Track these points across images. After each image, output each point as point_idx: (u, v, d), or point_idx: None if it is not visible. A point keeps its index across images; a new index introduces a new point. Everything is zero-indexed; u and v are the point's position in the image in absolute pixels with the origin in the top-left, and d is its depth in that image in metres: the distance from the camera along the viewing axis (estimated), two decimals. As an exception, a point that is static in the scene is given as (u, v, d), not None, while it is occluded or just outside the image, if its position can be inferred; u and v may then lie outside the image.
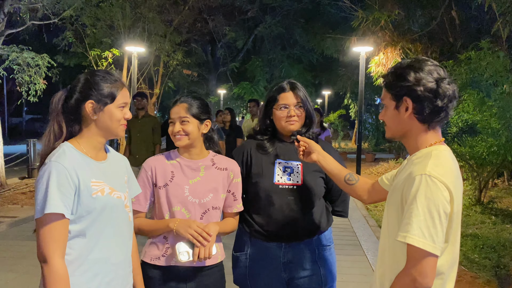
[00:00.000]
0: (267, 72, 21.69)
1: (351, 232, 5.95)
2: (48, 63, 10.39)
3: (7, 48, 10.01)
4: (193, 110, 1.93)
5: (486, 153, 7.04)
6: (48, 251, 1.41)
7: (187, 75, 18.55)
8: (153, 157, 2.02)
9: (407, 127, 1.46)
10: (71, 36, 11.77)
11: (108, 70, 1.66)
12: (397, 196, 1.43)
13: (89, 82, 1.56)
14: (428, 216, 1.28)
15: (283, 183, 2.03)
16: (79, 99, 1.55)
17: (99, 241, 1.53)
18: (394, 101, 1.46)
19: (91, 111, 1.55)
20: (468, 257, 4.89)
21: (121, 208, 1.61)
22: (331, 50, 17.28)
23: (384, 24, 9.84)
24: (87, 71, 1.66)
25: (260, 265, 2.06)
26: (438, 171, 1.33)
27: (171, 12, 13.58)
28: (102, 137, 1.60)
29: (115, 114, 1.58)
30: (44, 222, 1.41)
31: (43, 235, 1.42)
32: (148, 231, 1.94)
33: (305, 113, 2.07)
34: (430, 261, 1.28)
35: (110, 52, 10.82)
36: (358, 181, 1.84)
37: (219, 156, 2.05)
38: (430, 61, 1.44)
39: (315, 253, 2.08)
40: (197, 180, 1.95)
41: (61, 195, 1.42)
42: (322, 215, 2.11)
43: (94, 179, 1.52)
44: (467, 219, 6.60)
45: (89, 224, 1.50)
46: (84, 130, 1.58)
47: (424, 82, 1.38)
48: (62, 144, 1.54)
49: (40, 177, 1.45)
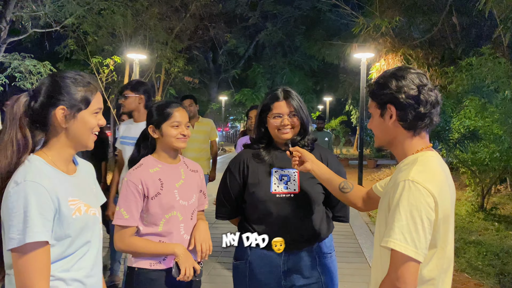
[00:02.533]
0: (268, 78, 21.78)
1: (353, 239, 5.91)
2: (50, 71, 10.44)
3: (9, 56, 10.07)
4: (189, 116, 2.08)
5: (488, 159, 7.02)
6: (33, 283, 1.24)
7: (188, 82, 18.60)
8: (136, 169, 1.98)
9: (393, 134, 1.50)
10: (73, 43, 11.84)
11: (78, 71, 1.46)
12: (385, 203, 1.44)
13: (58, 85, 1.37)
14: (411, 221, 1.29)
15: (280, 192, 2.01)
16: (47, 104, 1.35)
17: (77, 262, 1.39)
18: (379, 109, 1.51)
19: (62, 119, 1.35)
20: (472, 264, 4.85)
21: (98, 226, 1.48)
22: (332, 57, 17.34)
23: (385, 30, 9.87)
24: (54, 72, 1.48)
25: (260, 273, 2.04)
26: (421, 176, 1.34)
27: (173, 19, 13.66)
28: (72, 148, 1.42)
29: (90, 122, 1.40)
30: (24, 251, 1.24)
31: (25, 266, 1.24)
32: (146, 253, 1.93)
33: (299, 121, 2.06)
34: (411, 266, 1.28)
35: (112, 59, 10.86)
36: (352, 189, 1.84)
37: (187, 159, 2.17)
38: (412, 69, 1.48)
39: (316, 261, 2.05)
40: (182, 183, 2.03)
41: (43, 220, 1.26)
42: (322, 222, 2.09)
43: (70, 197, 1.36)
44: (470, 226, 6.56)
45: (67, 246, 1.36)
46: (53, 140, 1.39)
47: (406, 89, 1.42)
48: (29, 157, 1.35)
49: (13, 200, 1.25)
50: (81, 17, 10.66)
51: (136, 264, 1.95)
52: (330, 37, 16.45)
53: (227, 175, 2.15)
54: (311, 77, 22.75)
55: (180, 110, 2.02)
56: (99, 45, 12.03)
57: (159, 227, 1.95)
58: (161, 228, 1.95)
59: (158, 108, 2.02)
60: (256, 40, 22.41)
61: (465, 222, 6.85)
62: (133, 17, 11.80)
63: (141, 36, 12.20)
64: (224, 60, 22.97)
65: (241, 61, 23.49)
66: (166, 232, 1.95)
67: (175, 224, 1.97)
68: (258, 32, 21.82)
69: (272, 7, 19.79)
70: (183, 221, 2.00)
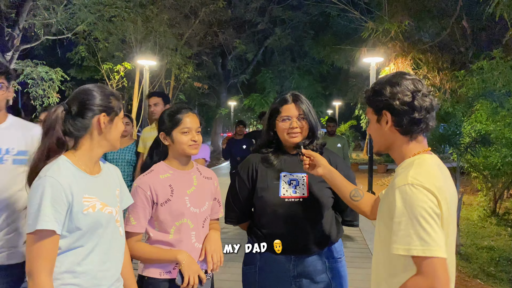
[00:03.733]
0: (277, 83, 21.77)
1: (363, 244, 5.87)
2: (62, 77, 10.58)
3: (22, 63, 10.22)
4: (201, 122, 2.04)
5: (500, 163, 6.93)
6: (36, 267, 1.41)
7: (198, 88, 18.67)
8: (146, 175, 1.98)
9: (390, 139, 1.52)
10: (84, 50, 11.98)
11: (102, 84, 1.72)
12: (384, 208, 1.45)
13: (94, 96, 1.60)
14: (424, 222, 1.30)
15: (289, 196, 2.01)
16: (89, 112, 1.57)
17: (88, 255, 1.54)
18: (375, 115, 1.54)
19: (103, 124, 1.59)
20: (484, 270, 4.78)
21: (112, 223, 1.62)
22: (341, 61, 17.27)
23: (394, 34, 9.82)
24: (83, 86, 1.66)
25: (270, 278, 2.04)
26: (420, 178, 1.35)
27: (182, 25, 13.75)
28: (102, 148, 1.63)
29: (120, 125, 1.67)
30: (34, 237, 1.42)
31: (32, 251, 1.42)
32: (149, 259, 1.93)
33: (308, 125, 2.06)
34: (439, 264, 1.28)
35: (122, 65, 10.96)
36: (363, 197, 1.85)
37: (200, 166, 2.14)
38: (408, 75, 1.50)
39: (326, 266, 2.05)
40: (193, 190, 2.00)
41: (54, 211, 1.43)
42: (332, 226, 2.08)
43: (86, 195, 1.53)
44: (482, 231, 6.48)
45: (78, 239, 1.51)
46: (84, 142, 1.59)
47: (400, 96, 1.45)
48: (58, 157, 1.54)
49: (34, 191, 1.45)
50: (92, 24, 10.77)
51: (146, 272, 1.95)
52: (339, 41, 16.41)
53: (236, 179, 2.14)
54: (320, 81, 22.70)
55: (190, 116, 1.98)
56: (109, 51, 12.15)
57: (170, 235, 1.94)
58: (172, 236, 1.93)
59: (168, 115, 2.01)
60: (265, 45, 22.46)
61: (477, 228, 6.77)
62: (143, 24, 11.90)
63: (151, 43, 12.29)
64: (233, 65, 23.04)
65: (250, 66, 23.55)
66: (177, 241, 1.93)
67: (186, 232, 1.95)
68: (267, 37, 21.87)
69: (281, 12, 19.85)
70: (194, 229, 1.97)
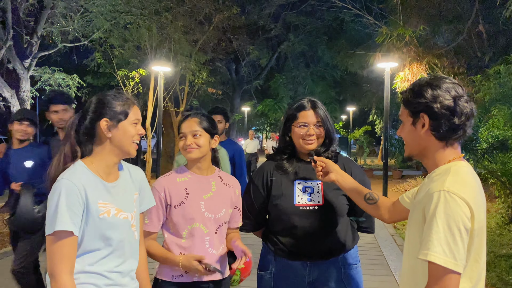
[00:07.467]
0: (290, 89, 21.76)
1: (378, 251, 5.81)
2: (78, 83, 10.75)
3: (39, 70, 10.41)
4: (204, 124, 2.00)
5: (518, 169, 6.80)
6: (56, 267, 1.46)
7: (211, 93, 18.77)
8: (164, 177, 2.02)
9: (424, 144, 1.46)
10: (100, 57, 12.14)
11: (118, 90, 1.74)
12: (418, 214, 1.40)
13: (101, 102, 1.63)
14: (448, 232, 1.26)
15: (304, 204, 1.99)
16: (93, 118, 1.61)
17: (103, 258, 1.58)
18: (411, 117, 1.47)
19: (106, 128, 1.60)
20: (503, 279, 4.68)
21: (127, 227, 1.65)
22: (355, 67, 17.19)
23: (408, 39, 9.75)
24: (98, 93, 1.71)
25: (285, 284, 2.03)
26: (457, 187, 1.31)
27: (196, 32, 13.84)
28: (115, 155, 1.64)
29: (129, 131, 1.64)
30: (53, 239, 1.47)
31: (52, 252, 1.47)
32: (158, 258, 1.98)
33: (325, 132, 2.05)
34: (452, 278, 1.25)
35: (137, 72, 11.09)
36: (378, 200, 1.82)
37: (223, 173, 2.13)
38: (448, 79, 1.45)
39: (341, 272, 2.04)
40: (210, 195, 2.00)
41: (70, 213, 1.48)
42: (347, 233, 2.07)
43: (101, 200, 1.57)
44: (501, 239, 6.35)
45: (93, 241, 1.55)
46: (98, 149, 1.63)
47: (441, 99, 1.39)
48: (75, 163, 1.60)
49: (52, 194, 1.50)
50: (108, 31, 10.92)
51: (159, 275, 2.00)
52: (353, 47, 16.35)
53: (251, 187, 2.14)
54: (334, 87, 22.61)
55: (186, 121, 2.01)
56: (125, 58, 12.28)
57: (183, 239, 1.96)
58: (185, 239, 1.96)
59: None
60: (279, 51, 22.47)
61: (495, 235, 6.63)
62: (158, 31, 12.02)
63: (166, 49, 12.40)
64: (246, 71, 23.09)
65: (263, 72, 23.58)
66: (190, 245, 1.96)
67: (199, 237, 1.96)
68: (280, 43, 21.87)
69: (294, 18, 19.86)
70: (209, 234, 1.98)
